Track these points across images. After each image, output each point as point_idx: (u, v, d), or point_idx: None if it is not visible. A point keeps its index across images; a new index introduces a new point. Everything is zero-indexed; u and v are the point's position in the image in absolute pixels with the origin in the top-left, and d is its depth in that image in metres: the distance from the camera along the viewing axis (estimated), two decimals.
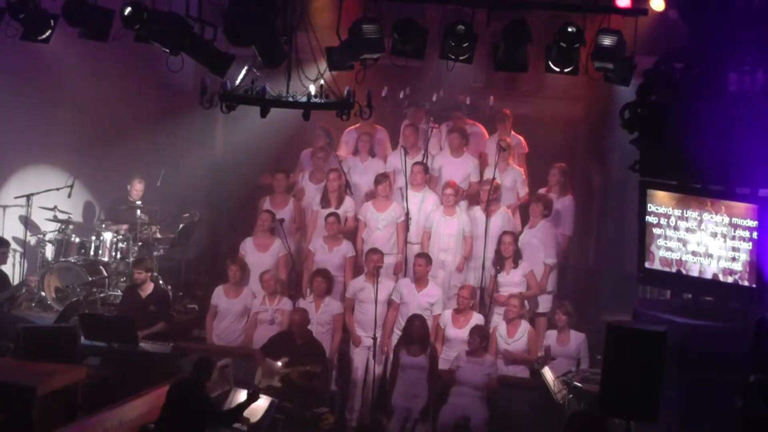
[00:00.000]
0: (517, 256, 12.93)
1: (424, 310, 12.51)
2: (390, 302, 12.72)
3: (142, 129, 15.04)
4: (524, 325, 12.49)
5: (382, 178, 13.53)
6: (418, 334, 11.90)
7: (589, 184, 15.61)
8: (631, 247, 11.14)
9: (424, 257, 12.83)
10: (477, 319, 12.46)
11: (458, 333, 12.31)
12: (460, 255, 13.36)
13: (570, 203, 13.89)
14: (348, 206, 13.75)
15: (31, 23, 11.67)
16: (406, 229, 13.45)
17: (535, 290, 13.02)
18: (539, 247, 13.19)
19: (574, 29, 10.93)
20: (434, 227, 13.43)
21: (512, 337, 12.43)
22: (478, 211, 13.48)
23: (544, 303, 13.21)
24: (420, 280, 12.72)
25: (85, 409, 10.57)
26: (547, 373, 11.73)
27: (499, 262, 12.96)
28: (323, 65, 10.72)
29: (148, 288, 12.95)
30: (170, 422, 10.05)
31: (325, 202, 13.74)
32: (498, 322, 12.66)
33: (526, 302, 12.76)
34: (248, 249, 13.51)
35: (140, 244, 14.33)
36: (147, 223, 14.45)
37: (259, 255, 13.43)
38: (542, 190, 13.79)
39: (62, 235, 14.28)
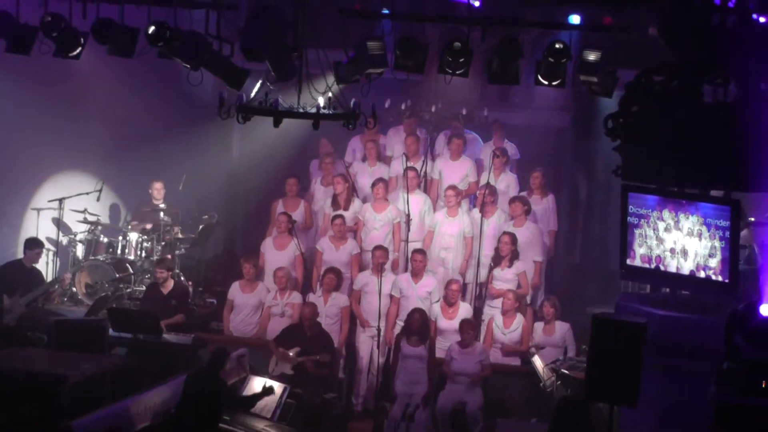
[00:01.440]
0: (513, 256, 12.91)
1: (424, 299, 12.53)
2: (390, 297, 12.74)
3: (165, 138, 15.06)
4: (519, 318, 12.49)
5: (377, 182, 13.55)
6: (418, 327, 11.89)
7: (575, 187, 15.64)
8: (614, 245, 11.13)
9: (422, 253, 12.85)
10: (464, 309, 12.50)
11: (450, 324, 12.32)
12: (461, 256, 13.36)
13: (552, 202, 13.94)
14: (357, 207, 13.77)
15: (63, 41, 11.68)
16: (407, 229, 13.46)
17: (525, 290, 12.96)
18: (529, 245, 13.20)
19: (561, 46, 10.96)
20: (437, 227, 13.45)
21: (508, 328, 12.44)
22: (476, 213, 13.51)
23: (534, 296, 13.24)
24: (417, 274, 12.74)
25: (113, 396, 10.57)
26: (537, 361, 11.75)
27: (497, 258, 12.96)
28: (331, 79, 10.74)
29: (169, 285, 12.99)
30: (189, 407, 10.06)
31: (335, 205, 13.75)
32: (495, 314, 12.67)
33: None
34: (267, 248, 13.53)
35: (163, 243, 14.35)
36: (170, 224, 14.48)
37: (278, 254, 13.44)
38: (524, 193, 13.78)
39: (92, 236, 14.30)
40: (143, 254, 14.26)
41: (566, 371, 11.23)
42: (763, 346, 8.30)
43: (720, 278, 9.54)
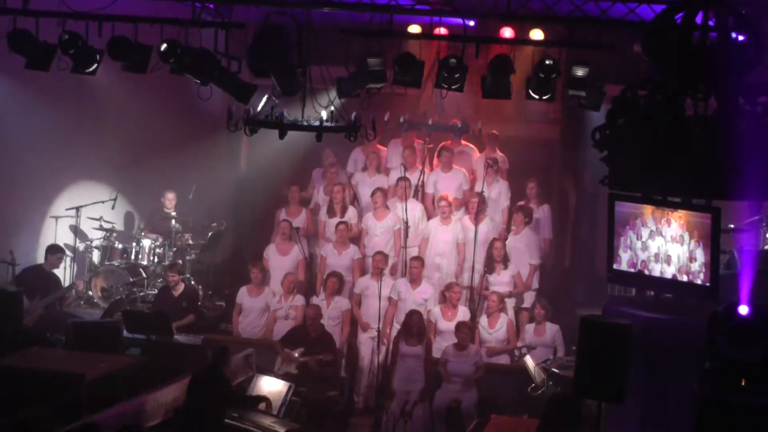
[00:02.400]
0: (506, 259, 12.97)
1: (419, 305, 12.54)
2: (389, 300, 12.76)
3: (176, 149, 15.09)
4: (503, 318, 12.53)
5: (376, 191, 13.58)
6: (417, 327, 11.92)
7: (565, 196, 15.63)
8: (602, 251, 11.15)
9: (419, 260, 12.89)
10: (463, 312, 12.52)
11: (449, 326, 12.33)
12: (455, 261, 13.37)
13: (548, 211, 13.97)
14: (351, 215, 13.80)
15: (80, 58, 11.74)
16: (405, 236, 13.48)
17: (521, 288, 13.08)
18: (524, 250, 13.26)
19: (551, 62, 10.99)
20: (431, 234, 13.47)
21: (493, 328, 12.48)
22: (467, 221, 13.53)
23: (528, 299, 13.24)
24: (415, 280, 12.76)
25: (127, 394, 10.59)
26: (529, 360, 11.77)
27: (490, 264, 12.99)
28: (333, 93, 10.78)
29: (180, 288, 13.04)
30: (194, 403, 10.08)
31: (331, 212, 13.80)
32: (481, 316, 12.71)
33: (506, 299, 12.79)
34: (271, 254, 13.57)
35: (175, 249, 14.38)
36: (180, 231, 14.51)
37: (281, 259, 13.47)
38: (522, 202, 13.81)
39: (107, 242, 14.34)
40: (156, 259, 14.29)
41: (556, 370, 11.24)
42: (743, 345, 8.31)
43: (701, 282, 9.56)
